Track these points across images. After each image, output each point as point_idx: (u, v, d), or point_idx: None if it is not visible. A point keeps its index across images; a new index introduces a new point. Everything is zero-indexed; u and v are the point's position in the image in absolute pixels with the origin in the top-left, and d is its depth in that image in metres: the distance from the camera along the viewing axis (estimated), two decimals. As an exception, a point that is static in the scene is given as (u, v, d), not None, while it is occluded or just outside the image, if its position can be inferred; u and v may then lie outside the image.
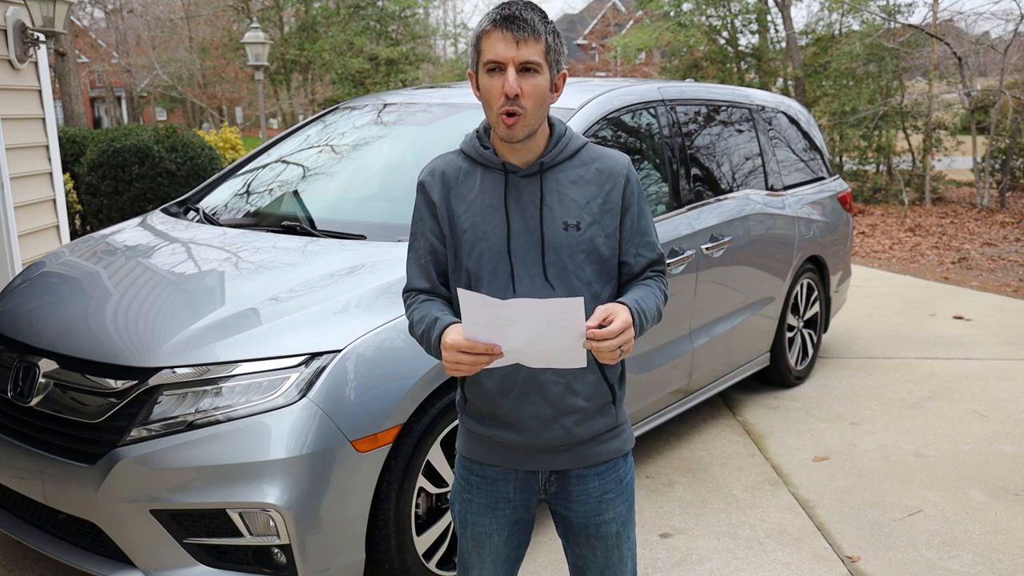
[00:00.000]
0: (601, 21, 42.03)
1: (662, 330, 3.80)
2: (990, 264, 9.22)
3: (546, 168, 1.79)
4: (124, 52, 32.86)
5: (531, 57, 1.68)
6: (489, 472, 1.89)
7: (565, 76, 1.79)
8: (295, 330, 2.62)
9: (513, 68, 1.68)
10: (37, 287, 3.19)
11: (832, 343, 5.99)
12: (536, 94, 1.70)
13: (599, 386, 1.83)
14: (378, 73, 24.48)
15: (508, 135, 1.72)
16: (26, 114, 5.64)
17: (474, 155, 1.82)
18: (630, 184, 1.83)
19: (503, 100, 1.69)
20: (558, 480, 1.89)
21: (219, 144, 11.76)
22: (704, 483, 3.84)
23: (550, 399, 1.79)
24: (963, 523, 3.49)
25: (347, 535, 2.58)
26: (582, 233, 1.77)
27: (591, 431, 1.85)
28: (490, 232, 1.78)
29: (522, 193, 1.78)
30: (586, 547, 1.93)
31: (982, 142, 14.29)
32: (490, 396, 1.81)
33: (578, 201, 1.78)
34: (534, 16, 1.69)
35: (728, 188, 4.42)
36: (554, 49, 1.73)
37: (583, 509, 1.89)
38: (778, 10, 17.15)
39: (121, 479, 2.48)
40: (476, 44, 1.73)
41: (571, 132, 1.84)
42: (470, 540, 1.94)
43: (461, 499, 1.95)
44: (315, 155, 3.98)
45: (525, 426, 1.81)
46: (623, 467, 1.93)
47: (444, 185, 1.83)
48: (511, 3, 1.71)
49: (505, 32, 1.67)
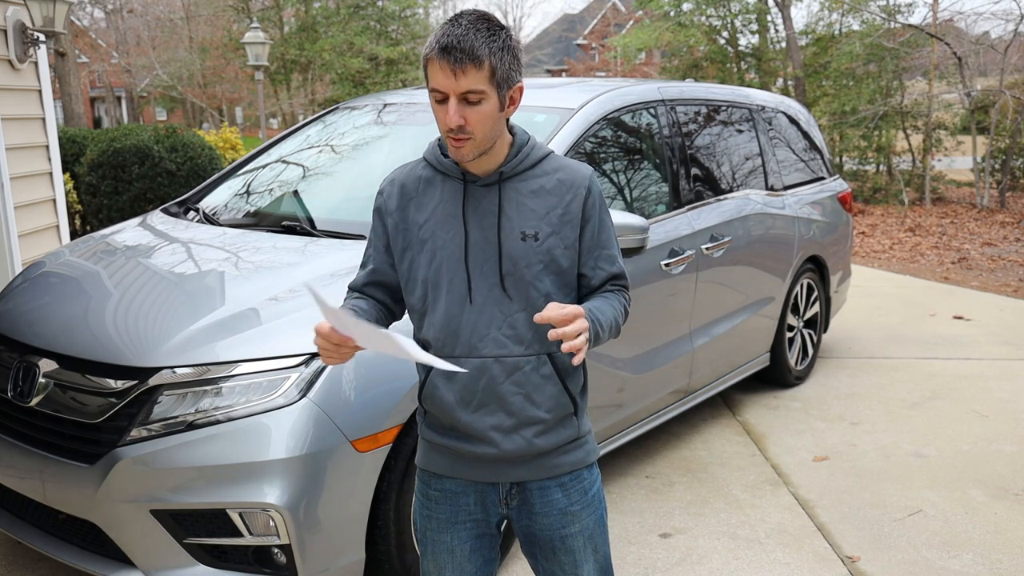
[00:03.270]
0: (601, 21, 42.04)
1: (662, 330, 3.80)
2: (990, 264, 9.22)
3: (505, 178, 1.75)
4: (124, 52, 32.86)
5: (472, 87, 1.61)
6: (448, 485, 1.84)
7: (521, 89, 1.72)
8: (295, 330, 2.62)
9: (454, 99, 1.62)
10: (37, 287, 3.19)
11: (832, 343, 5.99)
12: (482, 120, 1.65)
13: (560, 398, 1.78)
14: (378, 73, 24.49)
15: (457, 156, 1.69)
16: (26, 114, 5.64)
17: (435, 163, 1.80)
18: (591, 196, 1.77)
19: (447, 128, 1.65)
20: (519, 493, 1.83)
21: (219, 144, 11.76)
22: (704, 483, 3.84)
23: (510, 410, 1.75)
24: (963, 523, 3.49)
25: (347, 535, 2.58)
26: (540, 244, 1.73)
27: (552, 443, 1.80)
28: (448, 241, 1.74)
29: (481, 202, 1.74)
30: (554, 563, 1.87)
31: (982, 142, 14.29)
32: (448, 407, 1.77)
33: (537, 211, 1.74)
34: (476, 40, 1.60)
35: (728, 188, 4.42)
36: (500, 69, 1.64)
37: (547, 522, 1.83)
38: (778, 10, 17.15)
39: (121, 479, 2.48)
40: (424, 67, 1.68)
41: (533, 141, 1.80)
42: (431, 558, 1.88)
43: (421, 515, 1.89)
44: (315, 155, 3.98)
45: (485, 437, 1.77)
46: (588, 478, 1.86)
47: (402, 195, 1.80)
48: (454, 27, 1.62)
49: (442, 63, 1.60)
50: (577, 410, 1.83)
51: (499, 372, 1.74)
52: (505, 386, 1.74)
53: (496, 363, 1.73)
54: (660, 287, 3.69)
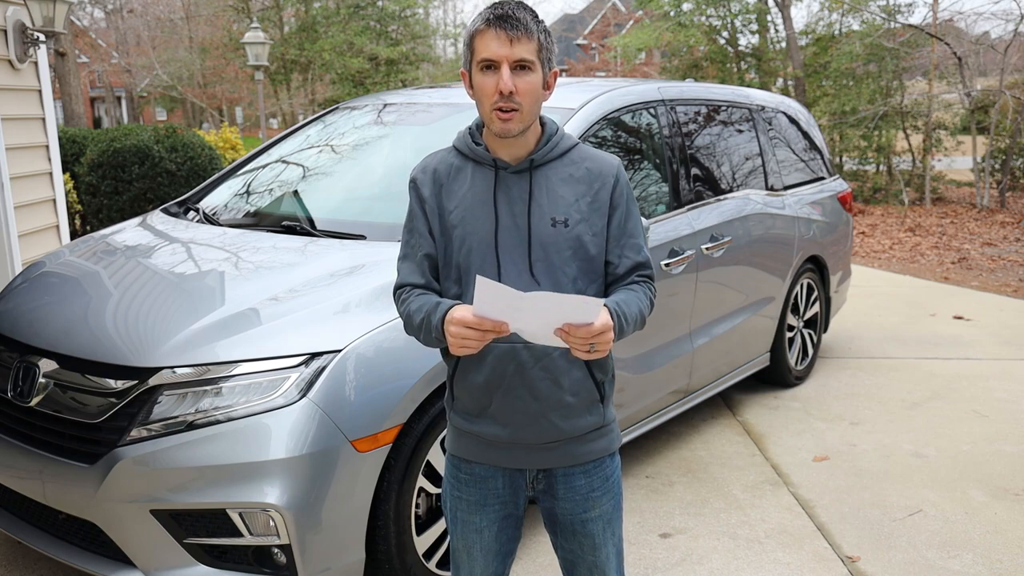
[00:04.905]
0: (601, 21, 42.02)
1: (662, 330, 3.80)
2: (990, 264, 9.22)
3: (536, 165, 1.81)
4: (124, 52, 32.85)
5: (524, 55, 1.71)
6: (477, 470, 1.91)
7: (556, 74, 1.83)
8: (295, 330, 2.62)
9: (507, 66, 1.71)
10: (37, 287, 3.19)
11: (832, 343, 5.99)
12: (530, 91, 1.73)
13: (586, 383, 1.84)
14: (378, 73, 24.50)
15: (503, 130, 1.74)
16: (26, 114, 5.64)
17: (466, 151, 1.85)
18: (619, 184, 1.85)
19: (496, 97, 1.71)
20: (545, 478, 1.90)
21: (219, 144, 11.76)
22: (704, 483, 3.84)
23: (537, 394, 1.81)
24: (963, 523, 3.49)
25: (347, 535, 2.58)
26: (570, 230, 1.79)
27: (578, 428, 1.86)
28: (479, 227, 1.79)
29: (511, 189, 1.80)
30: (573, 543, 1.95)
31: (982, 142, 14.29)
32: (478, 390, 1.82)
33: (567, 198, 1.80)
34: (526, 15, 1.73)
35: (728, 188, 4.42)
36: (546, 48, 1.76)
37: (569, 507, 1.91)
38: (778, 10, 17.16)
39: (121, 479, 2.48)
40: (470, 43, 1.76)
41: (562, 132, 1.87)
42: (460, 537, 1.96)
43: (451, 496, 1.96)
44: (315, 155, 3.98)
45: (511, 421, 1.82)
46: (610, 465, 1.94)
47: (435, 182, 1.85)
48: (504, 3, 1.74)
49: (499, 31, 1.70)
50: (603, 397, 1.89)
51: (528, 358, 1.79)
52: (534, 371, 1.80)
53: (525, 349, 1.79)
54: (660, 287, 3.69)
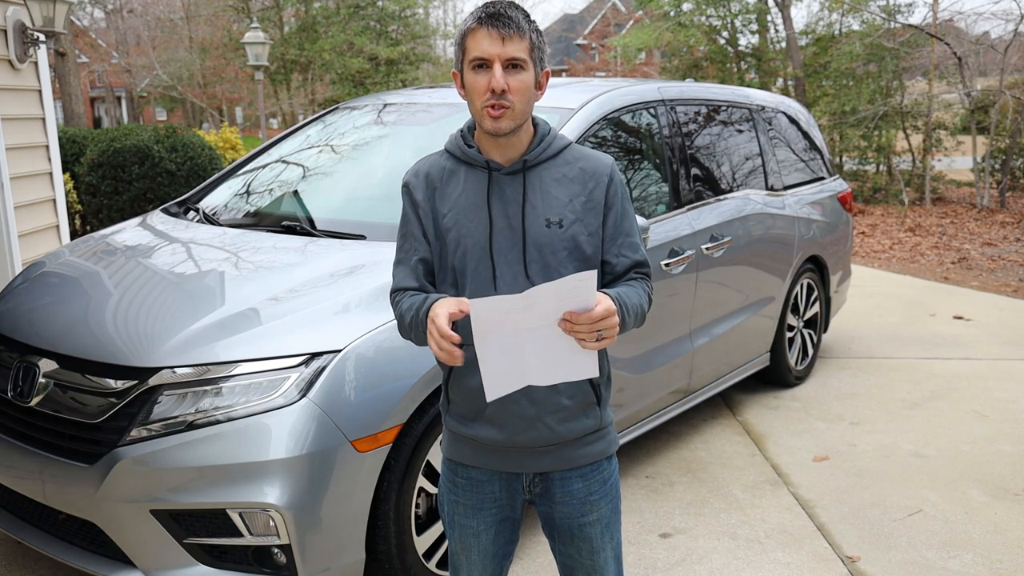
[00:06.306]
0: (601, 21, 42.04)
1: (662, 330, 3.80)
2: (990, 264, 9.22)
3: (529, 166, 1.81)
4: (124, 52, 32.86)
5: (516, 54, 1.71)
6: (474, 474, 1.90)
7: (548, 75, 1.83)
8: (295, 330, 2.62)
9: (499, 64, 1.71)
10: (37, 287, 3.19)
11: (832, 343, 5.99)
12: (522, 89, 1.73)
13: (582, 385, 1.83)
14: (378, 73, 24.48)
15: (495, 127, 1.73)
16: (26, 114, 5.64)
17: (458, 154, 1.84)
18: (613, 184, 1.84)
19: (488, 95, 1.71)
20: (542, 482, 1.89)
21: (219, 144, 11.76)
22: (704, 483, 3.84)
23: (533, 398, 1.79)
24: (963, 523, 3.49)
25: (347, 535, 2.58)
26: (564, 231, 1.78)
27: (574, 431, 1.85)
28: (473, 229, 1.79)
29: (505, 191, 1.79)
30: (571, 547, 1.94)
31: (982, 142, 14.29)
32: (474, 394, 1.81)
33: (561, 199, 1.79)
34: (518, 14, 1.73)
35: (728, 188, 4.42)
36: (538, 47, 1.76)
37: (566, 510, 1.90)
38: (778, 10, 17.15)
39: (121, 479, 2.48)
40: (461, 42, 1.76)
41: (555, 132, 1.86)
42: (458, 540, 1.95)
43: (448, 500, 1.96)
44: (315, 155, 3.98)
45: (507, 424, 1.81)
46: (607, 469, 1.93)
47: (428, 185, 1.84)
48: (496, 2, 1.75)
49: (491, 29, 1.71)
50: (600, 399, 1.88)
51: None
52: None
53: None
54: (660, 287, 3.69)
